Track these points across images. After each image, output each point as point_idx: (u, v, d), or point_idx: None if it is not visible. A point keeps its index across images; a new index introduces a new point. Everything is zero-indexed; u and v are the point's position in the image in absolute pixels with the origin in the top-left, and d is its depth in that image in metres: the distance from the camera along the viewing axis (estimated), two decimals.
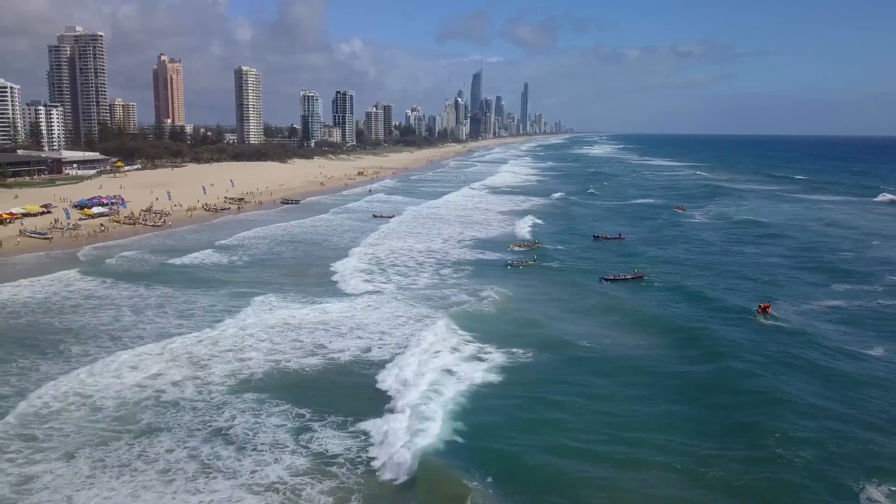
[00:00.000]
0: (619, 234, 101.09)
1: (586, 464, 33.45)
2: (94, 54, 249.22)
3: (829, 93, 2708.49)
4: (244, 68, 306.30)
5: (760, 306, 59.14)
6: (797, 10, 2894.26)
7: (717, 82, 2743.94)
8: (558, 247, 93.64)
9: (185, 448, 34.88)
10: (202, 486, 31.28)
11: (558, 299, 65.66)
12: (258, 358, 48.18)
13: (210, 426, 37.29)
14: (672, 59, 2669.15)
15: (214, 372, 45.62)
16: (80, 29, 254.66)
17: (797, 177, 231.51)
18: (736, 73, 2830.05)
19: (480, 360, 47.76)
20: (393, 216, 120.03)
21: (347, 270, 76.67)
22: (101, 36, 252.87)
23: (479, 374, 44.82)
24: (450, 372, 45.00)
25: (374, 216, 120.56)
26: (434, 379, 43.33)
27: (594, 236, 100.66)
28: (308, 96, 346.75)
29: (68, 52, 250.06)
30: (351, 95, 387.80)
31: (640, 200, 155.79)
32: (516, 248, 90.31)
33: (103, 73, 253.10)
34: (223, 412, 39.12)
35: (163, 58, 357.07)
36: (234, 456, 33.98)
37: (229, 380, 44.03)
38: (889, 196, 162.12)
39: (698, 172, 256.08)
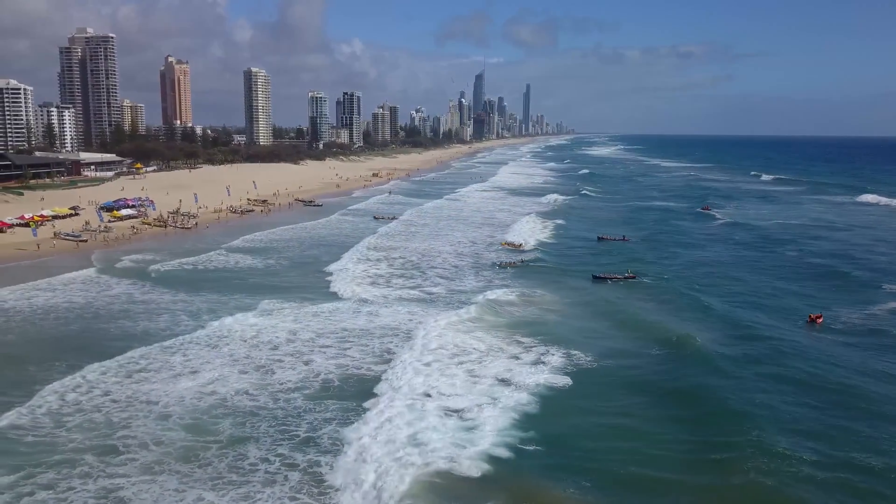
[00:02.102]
0: (623, 236, 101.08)
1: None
2: (106, 56, 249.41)
3: (830, 93, 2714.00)
4: (253, 69, 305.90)
5: (811, 316, 57.72)
6: (797, 11, 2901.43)
7: (718, 83, 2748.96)
8: (561, 247, 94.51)
9: (277, 456, 34.33)
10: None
11: (559, 298, 65.87)
12: (322, 362, 47.85)
13: (298, 435, 36.77)
14: (672, 60, 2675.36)
15: (280, 377, 45.26)
16: (91, 31, 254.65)
17: (803, 179, 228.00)
18: (736, 73, 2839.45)
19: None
20: (394, 218, 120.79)
21: (386, 273, 76.77)
22: (112, 37, 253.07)
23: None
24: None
25: (375, 217, 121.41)
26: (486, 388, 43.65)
27: (598, 237, 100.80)
28: (316, 97, 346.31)
29: (79, 54, 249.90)
30: (358, 97, 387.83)
31: (642, 203, 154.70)
32: (504, 247, 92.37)
33: (114, 74, 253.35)
34: (304, 419, 38.61)
35: (170, 59, 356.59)
36: (339, 464, 33.64)
37: (304, 386, 43.56)
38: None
39: (704, 174, 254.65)
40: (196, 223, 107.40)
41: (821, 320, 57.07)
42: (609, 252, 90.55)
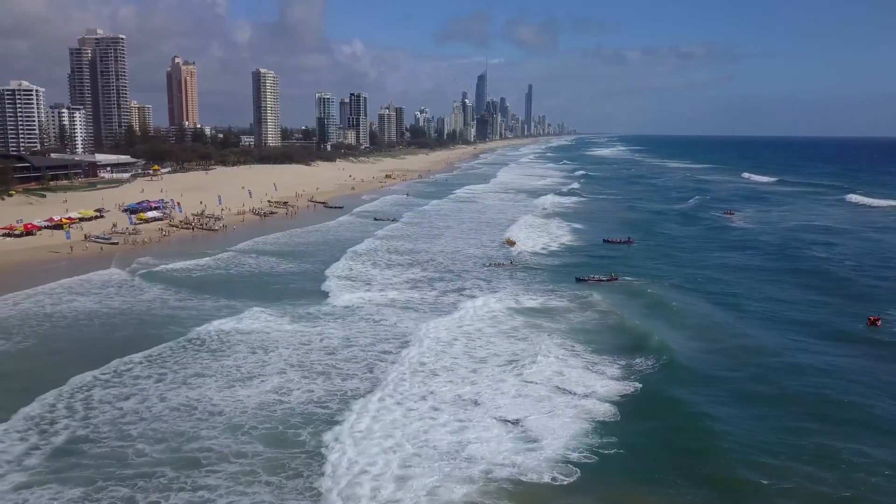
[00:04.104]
0: (628, 238, 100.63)
1: None
2: (116, 57, 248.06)
3: (831, 94, 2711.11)
4: (262, 70, 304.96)
5: (870, 319, 56.93)
6: (798, 12, 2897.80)
7: (719, 83, 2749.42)
8: (566, 249, 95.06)
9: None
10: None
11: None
12: (385, 367, 47.24)
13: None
14: (673, 60, 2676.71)
15: (347, 385, 44.54)
16: (100, 32, 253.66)
17: (812, 181, 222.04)
18: (737, 74, 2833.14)
19: None
20: (395, 219, 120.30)
21: (421, 277, 76.16)
22: (122, 38, 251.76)
23: None
24: None
25: (375, 219, 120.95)
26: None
27: (604, 240, 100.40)
28: (323, 98, 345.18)
29: (89, 55, 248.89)
30: (364, 97, 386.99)
31: (650, 204, 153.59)
32: (507, 244, 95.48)
33: (124, 75, 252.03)
34: (392, 430, 37.92)
35: (176, 60, 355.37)
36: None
37: (372, 392, 42.85)
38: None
39: (712, 176, 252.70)
40: (224, 225, 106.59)
41: (880, 323, 56.19)
42: (613, 254, 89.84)
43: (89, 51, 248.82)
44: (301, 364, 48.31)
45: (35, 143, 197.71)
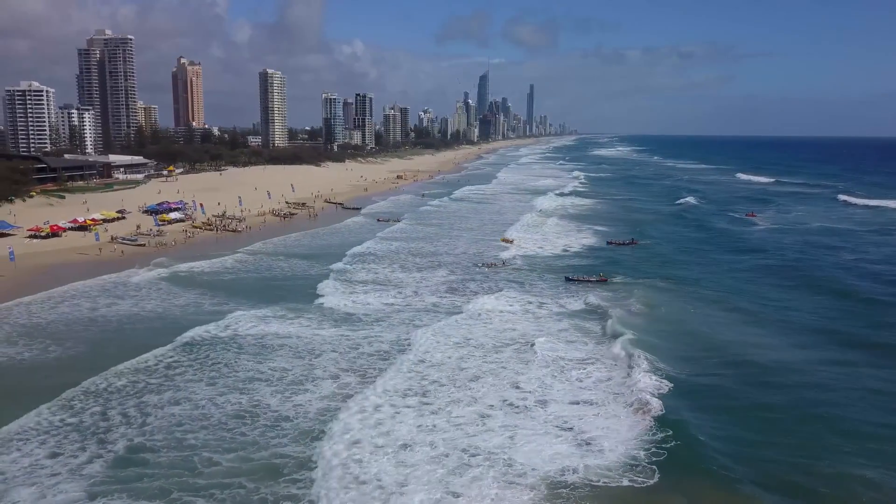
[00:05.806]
0: (632, 239, 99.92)
1: None
2: (124, 58, 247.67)
3: (831, 94, 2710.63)
4: (269, 71, 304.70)
5: None
6: (800, 12, 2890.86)
7: (720, 83, 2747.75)
8: (566, 249, 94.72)
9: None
10: None
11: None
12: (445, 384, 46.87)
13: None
14: (674, 60, 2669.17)
15: (393, 386, 44.17)
16: (109, 32, 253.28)
17: (822, 182, 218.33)
18: (739, 73, 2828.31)
19: None
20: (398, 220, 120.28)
21: (453, 279, 75.76)
22: (130, 39, 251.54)
23: None
24: None
25: (379, 220, 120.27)
26: None
27: (608, 242, 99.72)
28: (330, 99, 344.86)
29: (97, 56, 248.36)
30: (370, 98, 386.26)
31: (659, 205, 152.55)
32: (504, 243, 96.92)
33: (133, 76, 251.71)
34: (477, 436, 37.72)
35: (182, 60, 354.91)
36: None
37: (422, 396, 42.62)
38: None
39: (721, 176, 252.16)
40: (248, 227, 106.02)
41: None
42: (616, 256, 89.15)
43: (98, 51, 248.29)
44: (352, 368, 47.91)
45: (45, 143, 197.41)
